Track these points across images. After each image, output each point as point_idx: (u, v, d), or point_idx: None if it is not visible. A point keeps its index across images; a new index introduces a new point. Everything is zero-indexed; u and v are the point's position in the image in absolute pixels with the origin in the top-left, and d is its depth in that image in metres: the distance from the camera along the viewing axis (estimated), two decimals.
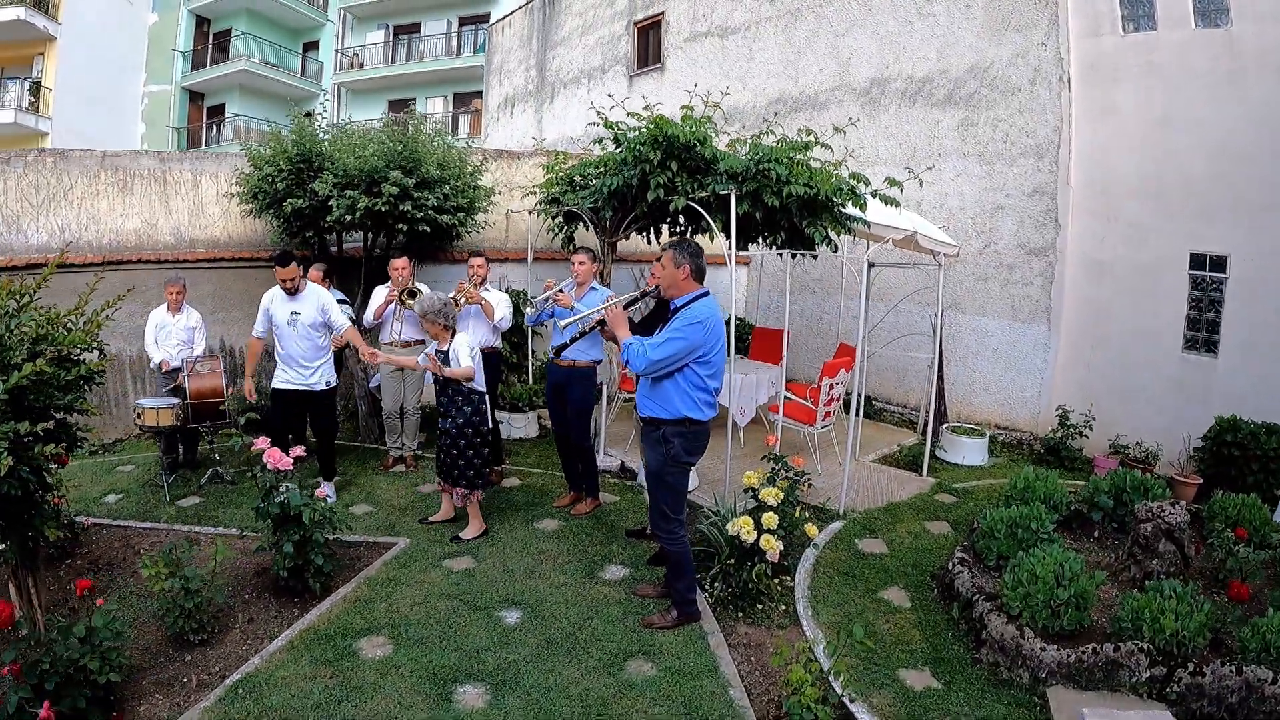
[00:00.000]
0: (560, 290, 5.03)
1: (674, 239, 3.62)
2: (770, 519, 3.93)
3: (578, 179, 6.49)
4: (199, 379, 5.69)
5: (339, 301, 6.09)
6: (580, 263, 5.13)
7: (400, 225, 5.94)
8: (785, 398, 6.56)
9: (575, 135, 13.51)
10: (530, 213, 7.66)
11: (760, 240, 6.22)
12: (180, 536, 4.80)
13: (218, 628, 3.71)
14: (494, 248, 8.74)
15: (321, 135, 6.30)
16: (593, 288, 5.18)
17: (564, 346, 4.50)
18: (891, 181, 5.54)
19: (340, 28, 24.66)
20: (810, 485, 5.55)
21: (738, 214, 5.22)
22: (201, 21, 22.95)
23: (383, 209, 5.77)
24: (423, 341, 5.94)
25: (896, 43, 8.83)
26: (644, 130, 5.32)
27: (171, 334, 6.11)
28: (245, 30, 22.68)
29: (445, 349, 4.66)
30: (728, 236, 5.35)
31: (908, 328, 8.49)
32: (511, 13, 16.95)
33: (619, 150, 5.60)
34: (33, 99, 18.09)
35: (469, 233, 7.18)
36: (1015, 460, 7.34)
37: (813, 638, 3.69)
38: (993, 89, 7.97)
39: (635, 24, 12.87)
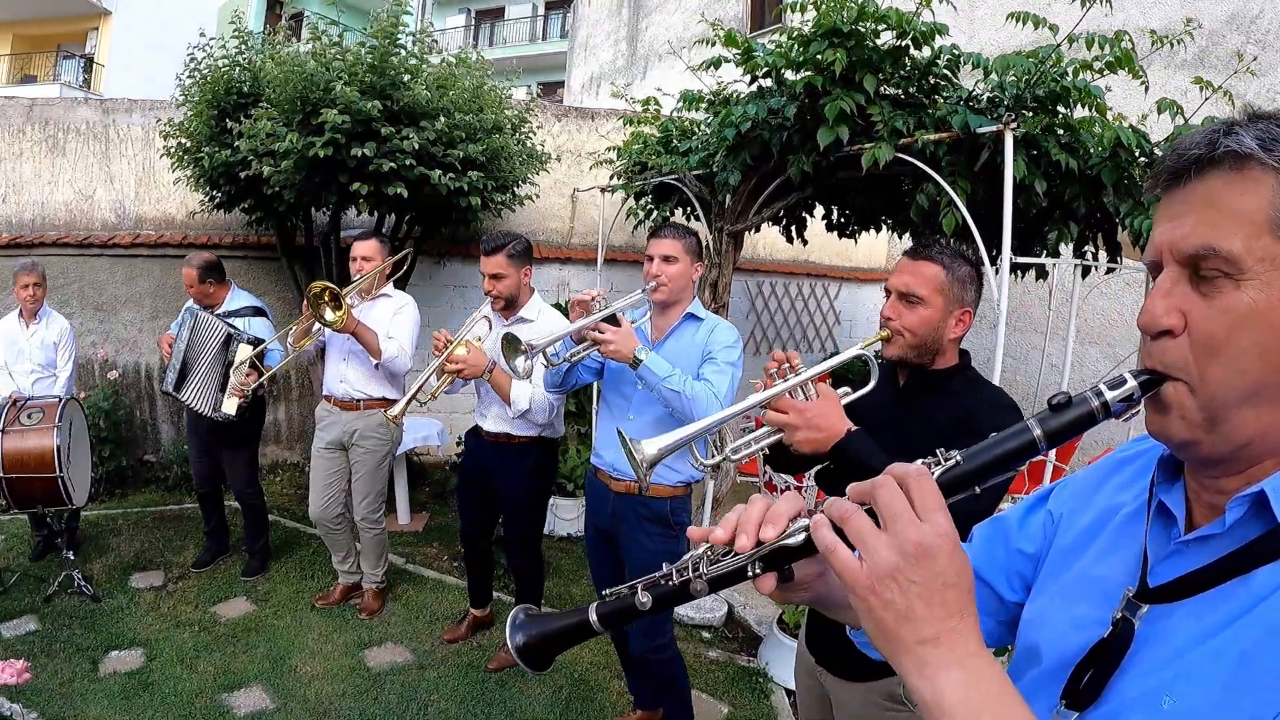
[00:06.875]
0: (616, 316, 2.18)
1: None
2: None
3: (674, 136, 4.02)
4: (18, 437, 3.28)
5: (254, 311, 3.64)
6: (666, 258, 2.29)
7: (358, 185, 3.36)
8: None
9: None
10: (604, 190, 5.12)
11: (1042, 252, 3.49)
12: None
13: None
14: (555, 244, 6.31)
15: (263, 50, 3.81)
16: (693, 316, 2.38)
17: None
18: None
19: (420, 12, 23.06)
20: None
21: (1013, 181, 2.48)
22: (274, 4, 21.71)
23: (321, 154, 3.20)
24: (387, 400, 3.33)
25: None
26: (819, 13, 2.69)
27: (24, 353, 3.88)
28: (318, 12, 21.35)
29: None
30: (983, 227, 2.62)
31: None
32: None
33: (751, 60, 2.93)
34: (86, 75, 17.03)
35: (501, 210, 4.59)
36: None
37: None
38: (1265, 47, 5.39)
39: None
